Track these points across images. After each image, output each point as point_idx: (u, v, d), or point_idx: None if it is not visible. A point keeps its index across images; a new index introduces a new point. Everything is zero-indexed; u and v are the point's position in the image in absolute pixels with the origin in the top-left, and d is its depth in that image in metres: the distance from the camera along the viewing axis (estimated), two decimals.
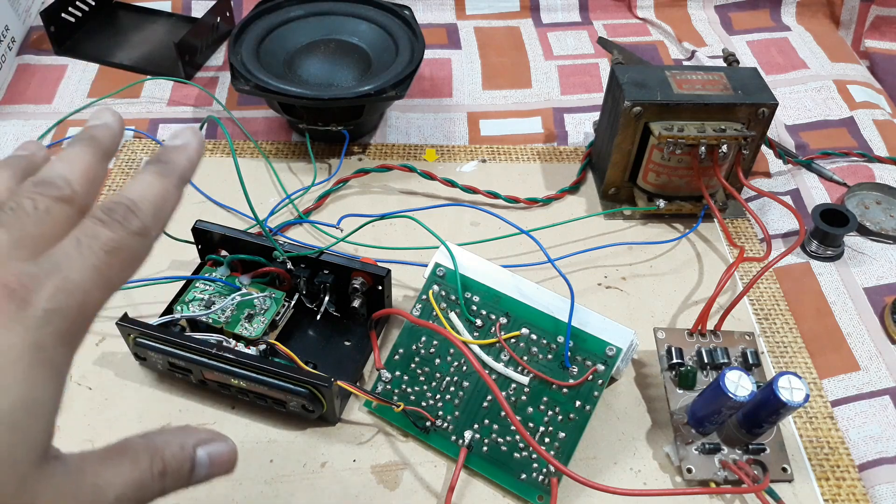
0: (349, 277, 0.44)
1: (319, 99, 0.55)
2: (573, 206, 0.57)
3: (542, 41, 0.74)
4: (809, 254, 0.53)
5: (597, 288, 0.51)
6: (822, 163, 0.60)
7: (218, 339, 0.42)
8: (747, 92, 0.52)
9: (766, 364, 0.46)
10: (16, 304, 0.18)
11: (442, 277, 0.44)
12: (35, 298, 0.19)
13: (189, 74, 0.68)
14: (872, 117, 0.65)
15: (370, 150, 0.61)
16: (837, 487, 0.41)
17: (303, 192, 0.57)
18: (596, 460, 0.42)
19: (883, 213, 0.56)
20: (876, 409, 0.44)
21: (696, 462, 0.41)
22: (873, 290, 0.51)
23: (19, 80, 0.67)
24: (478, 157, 0.61)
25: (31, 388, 0.18)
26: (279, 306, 0.45)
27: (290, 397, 0.40)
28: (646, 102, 0.50)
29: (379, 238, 0.53)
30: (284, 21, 0.62)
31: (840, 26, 0.78)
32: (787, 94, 0.68)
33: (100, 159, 0.23)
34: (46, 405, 0.19)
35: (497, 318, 0.43)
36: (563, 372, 0.41)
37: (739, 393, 0.37)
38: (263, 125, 0.63)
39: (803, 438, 0.43)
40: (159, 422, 0.42)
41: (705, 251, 0.54)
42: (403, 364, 0.43)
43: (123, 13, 0.76)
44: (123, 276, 0.21)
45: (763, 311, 0.50)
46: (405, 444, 0.42)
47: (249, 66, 0.56)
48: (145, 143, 0.61)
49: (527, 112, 0.66)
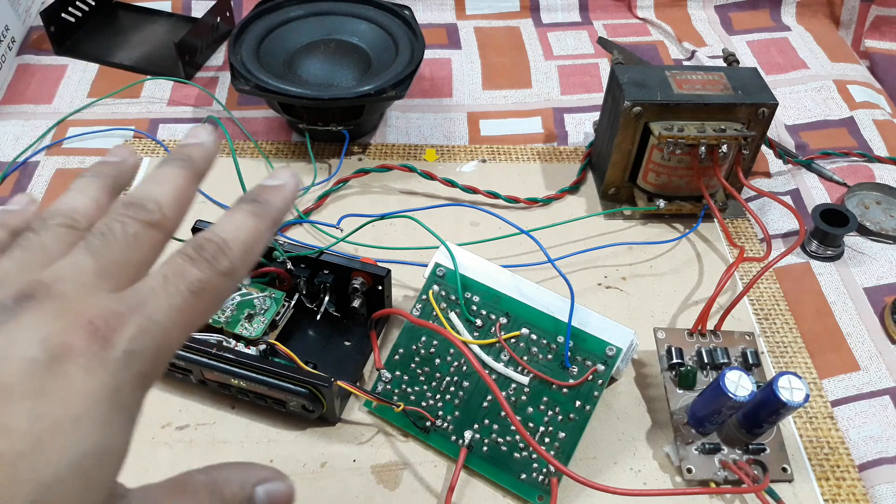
0: (349, 277, 0.44)
1: (319, 99, 0.55)
2: (573, 206, 0.57)
3: (542, 41, 0.74)
4: (809, 254, 0.53)
5: (597, 288, 0.51)
6: (822, 163, 0.60)
7: (218, 339, 0.43)
8: (747, 92, 0.52)
9: (766, 364, 0.46)
10: (99, 345, 0.18)
11: (442, 277, 0.44)
12: (117, 339, 0.18)
13: (189, 74, 0.68)
14: (872, 117, 0.65)
15: (370, 150, 0.61)
16: (837, 487, 0.41)
17: (303, 192, 0.57)
18: (596, 460, 0.42)
19: (883, 213, 0.56)
20: (876, 409, 0.44)
21: (696, 462, 0.41)
22: (873, 290, 0.51)
23: (19, 80, 0.67)
24: (478, 157, 0.61)
25: (106, 435, 0.18)
26: (279, 306, 0.45)
27: (290, 397, 0.40)
28: (646, 102, 0.50)
29: (379, 238, 0.53)
30: (284, 21, 0.62)
31: (840, 26, 0.78)
32: (787, 94, 0.68)
33: (191, 182, 0.23)
34: (118, 451, 0.18)
35: (497, 318, 0.43)
36: (563, 372, 0.41)
37: (739, 393, 0.37)
38: (263, 125, 0.63)
39: (803, 438, 0.43)
40: (159, 422, 0.42)
41: (705, 251, 0.54)
42: (403, 364, 0.43)
43: (123, 13, 0.76)
44: (204, 317, 0.20)
45: (763, 311, 0.50)
46: (405, 444, 0.42)
47: (249, 66, 0.56)
48: (145, 142, 0.61)
49: (527, 112, 0.66)
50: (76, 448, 0.17)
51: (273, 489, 0.23)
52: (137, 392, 0.19)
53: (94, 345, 0.18)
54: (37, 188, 0.57)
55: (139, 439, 0.41)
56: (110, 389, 0.18)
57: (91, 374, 0.18)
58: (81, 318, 0.18)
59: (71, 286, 0.19)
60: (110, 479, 0.19)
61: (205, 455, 0.41)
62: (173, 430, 0.42)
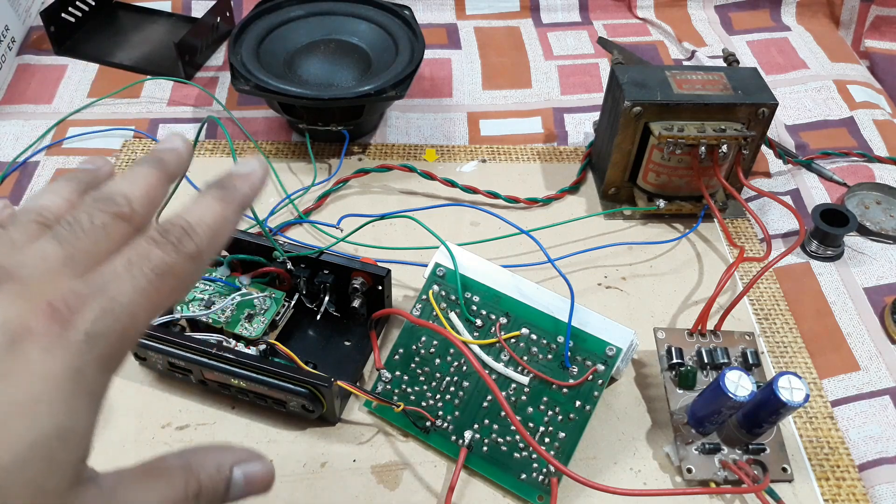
0: (349, 277, 0.44)
1: (319, 99, 0.55)
2: (573, 206, 0.57)
3: (542, 41, 0.74)
4: (809, 254, 0.53)
5: (597, 288, 0.51)
6: (822, 163, 0.60)
7: (218, 339, 0.43)
8: (747, 92, 0.52)
9: (766, 364, 0.46)
10: (59, 325, 0.18)
11: (442, 277, 0.44)
12: (79, 320, 0.18)
13: (189, 74, 0.68)
14: (872, 117, 0.65)
15: (370, 150, 0.61)
16: (837, 487, 0.41)
17: (303, 192, 0.57)
18: (596, 460, 0.42)
19: (883, 213, 0.56)
20: (876, 409, 0.44)
21: (696, 462, 0.41)
22: (873, 290, 0.51)
23: (19, 80, 0.67)
24: (478, 157, 0.61)
25: (68, 416, 0.18)
26: (279, 306, 0.45)
27: (290, 397, 0.40)
28: (646, 102, 0.50)
29: (379, 238, 0.53)
30: (284, 21, 0.62)
31: (840, 26, 0.78)
32: (787, 94, 0.68)
33: (163, 182, 0.23)
34: (82, 433, 0.19)
35: (497, 318, 0.43)
36: (563, 372, 0.41)
37: (739, 393, 0.37)
38: (263, 125, 0.63)
39: (803, 438, 0.43)
40: (159, 422, 0.42)
41: (705, 251, 0.54)
42: (403, 364, 0.43)
43: (123, 13, 0.76)
44: (171, 299, 0.20)
45: (763, 311, 0.50)
46: (405, 444, 0.42)
47: (249, 66, 0.57)
48: (145, 142, 0.61)
49: (527, 112, 0.66)
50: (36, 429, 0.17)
51: (251, 470, 0.23)
52: (102, 375, 0.19)
53: (54, 326, 0.18)
54: (37, 188, 0.57)
55: (139, 439, 0.41)
56: (72, 371, 0.18)
57: (51, 356, 0.18)
58: (41, 300, 0.18)
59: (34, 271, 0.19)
60: (76, 460, 0.19)
61: None
62: (173, 430, 0.42)
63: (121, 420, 0.42)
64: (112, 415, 0.43)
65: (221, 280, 0.46)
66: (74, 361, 0.18)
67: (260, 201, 0.55)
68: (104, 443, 0.41)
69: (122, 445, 0.41)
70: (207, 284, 0.46)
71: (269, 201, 0.56)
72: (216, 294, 0.45)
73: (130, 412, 0.43)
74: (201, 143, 0.61)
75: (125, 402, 0.43)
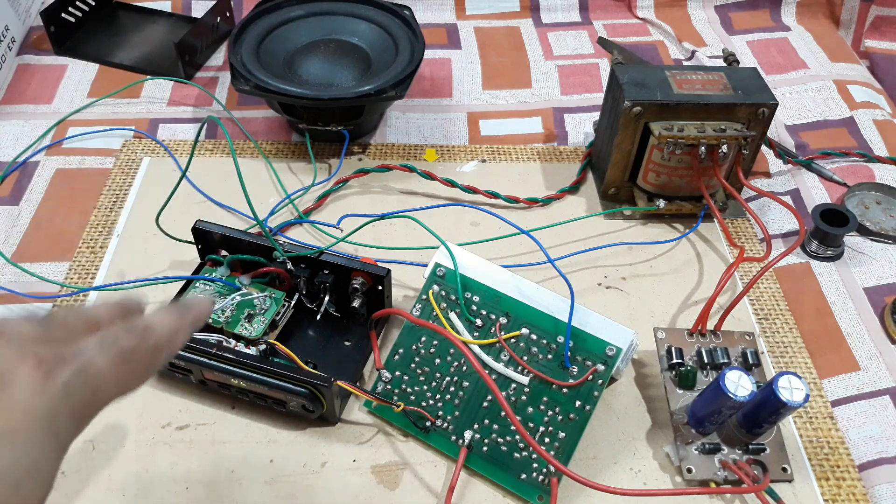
0: (349, 277, 0.44)
1: (319, 99, 0.55)
2: (573, 206, 0.57)
3: (542, 41, 0.74)
4: (809, 254, 0.53)
5: (597, 288, 0.51)
6: (822, 163, 0.60)
7: (218, 339, 0.43)
8: (747, 92, 0.52)
9: (766, 364, 0.46)
10: (42, 373, 0.21)
11: (442, 277, 0.44)
12: (59, 372, 0.21)
13: (189, 74, 0.68)
14: (872, 117, 0.65)
15: (370, 150, 0.61)
16: (837, 487, 0.41)
17: (303, 192, 0.57)
18: (596, 460, 0.42)
19: (883, 213, 0.56)
20: (876, 409, 0.44)
21: (696, 462, 0.41)
22: (873, 290, 0.51)
23: (19, 80, 0.67)
24: (478, 157, 0.61)
25: (38, 452, 0.20)
26: (279, 306, 0.45)
27: (290, 397, 0.40)
28: (646, 102, 0.50)
29: (379, 238, 0.53)
30: (284, 21, 0.62)
31: (840, 26, 0.78)
32: (787, 94, 0.68)
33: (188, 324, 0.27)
34: (46, 473, 0.20)
35: (497, 318, 0.43)
36: (563, 372, 0.41)
37: (739, 393, 0.37)
38: (263, 125, 0.63)
39: (803, 438, 0.43)
40: (159, 422, 0.42)
41: (705, 251, 0.54)
42: (403, 364, 0.43)
43: (123, 13, 0.76)
44: (134, 381, 0.24)
45: (763, 311, 0.50)
46: (405, 444, 0.42)
47: (249, 66, 0.57)
48: (145, 142, 0.61)
49: (527, 112, 0.66)
50: (11, 458, 0.19)
51: None
52: (71, 424, 0.21)
53: (38, 372, 0.21)
54: (37, 188, 0.56)
55: (139, 439, 0.42)
56: (48, 412, 0.20)
57: (33, 396, 0.20)
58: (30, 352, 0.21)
59: (25, 336, 0.22)
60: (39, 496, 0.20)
61: (205, 455, 0.41)
62: (173, 430, 0.42)
63: (121, 420, 0.42)
64: (112, 415, 0.43)
65: (221, 280, 0.46)
66: (52, 404, 0.21)
67: (260, 201, 0.56)
68: (105, 442, 0.41)
69: (123, 445, 0.41)
70: (207, 284, 0.46)
71: (269, 201, 0.56)
72: (216, 294, 0.45)
73: (130, 412, 0.43)
74: (201, 144, 0.61)
75: (125, 402, 0.43)
